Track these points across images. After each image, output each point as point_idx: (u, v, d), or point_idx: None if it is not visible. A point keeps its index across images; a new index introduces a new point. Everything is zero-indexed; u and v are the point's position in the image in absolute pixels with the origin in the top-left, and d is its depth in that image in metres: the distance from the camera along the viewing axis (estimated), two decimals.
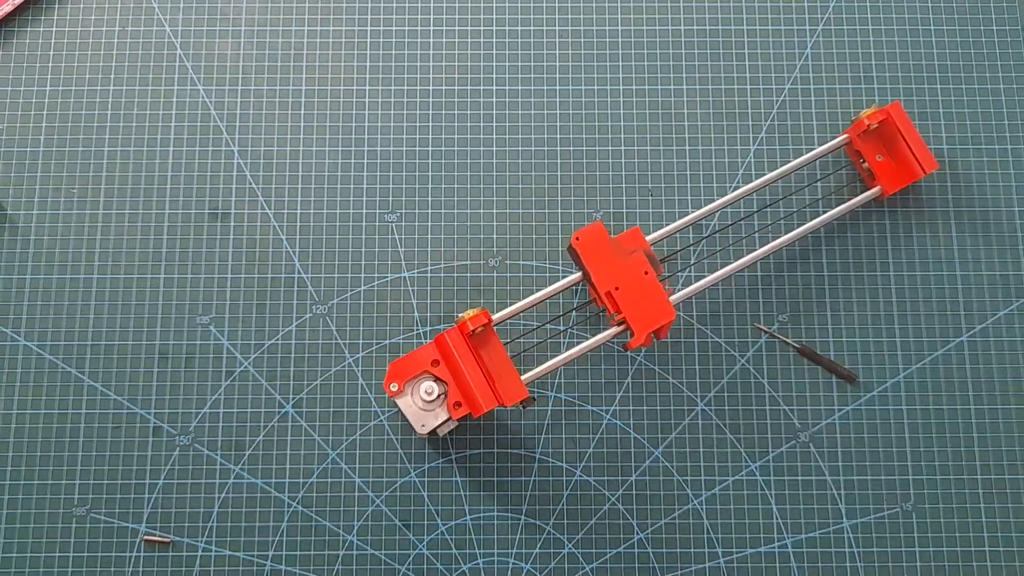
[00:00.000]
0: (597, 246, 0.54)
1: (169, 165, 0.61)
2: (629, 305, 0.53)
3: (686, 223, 0.57)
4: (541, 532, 0.56)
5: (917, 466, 0.57)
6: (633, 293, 0.53)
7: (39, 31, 0.63)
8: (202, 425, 0.57)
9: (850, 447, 0.57)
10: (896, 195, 0.60)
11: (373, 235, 0.60)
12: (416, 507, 0.56)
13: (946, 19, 0.65)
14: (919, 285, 0.60)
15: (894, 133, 0.58)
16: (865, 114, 0.58)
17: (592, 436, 0.58)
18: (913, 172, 0.58)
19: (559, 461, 0.57)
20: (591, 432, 0.58)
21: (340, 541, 0.56)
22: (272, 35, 0.64)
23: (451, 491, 0.57)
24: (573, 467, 0.57)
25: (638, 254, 0.54)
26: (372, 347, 0.59)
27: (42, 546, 0.55)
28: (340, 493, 0.56)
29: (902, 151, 0.58)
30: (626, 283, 0.53)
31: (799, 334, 0.59)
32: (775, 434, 0.57)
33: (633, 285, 0.53)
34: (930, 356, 0.59)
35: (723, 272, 0.56)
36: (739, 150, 0.62)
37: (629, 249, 0.54)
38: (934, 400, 0.58)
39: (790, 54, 0.64)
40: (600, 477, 0.57)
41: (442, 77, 0.63)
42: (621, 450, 0.57)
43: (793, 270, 0.60)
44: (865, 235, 0.61)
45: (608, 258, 0.53)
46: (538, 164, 0.62)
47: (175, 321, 0.59)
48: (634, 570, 0.56)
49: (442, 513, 0.56)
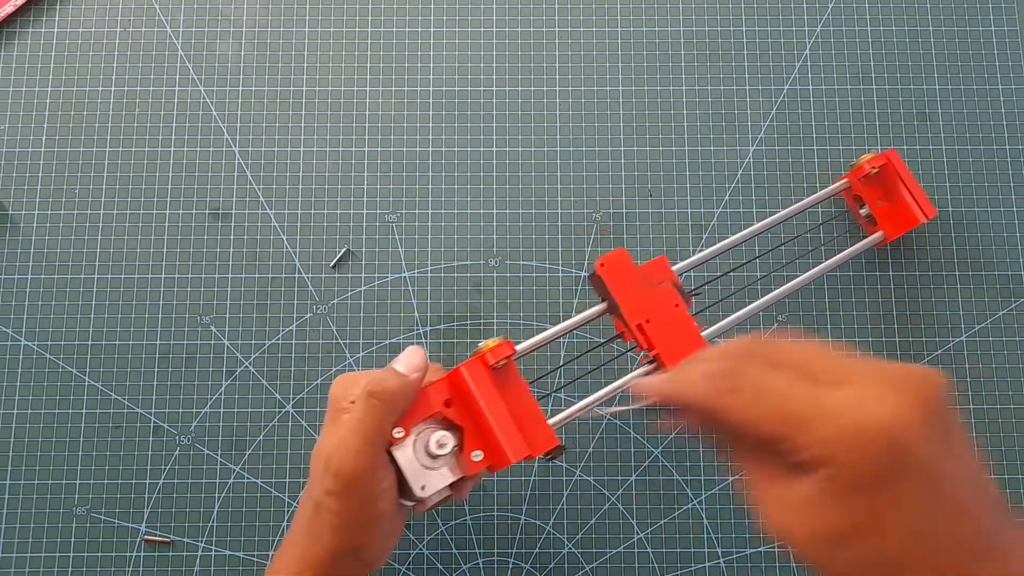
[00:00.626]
0: (622, 274, 0.49)
1: (170, 165, 0.61)
2: (662, 340, 0.48)
3: (713, 254, 0.54)
4: (541, 532, 0.56)
5: None
6: (665, 327, 0.48)
7: (40, 31, 0.63)
8: (202, 425, 0.57)
9: None
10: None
11: (373, 235, 0.60)
12: None
13: (945, 20, 0.65)
14: (919, 285, 0.60)
15: (894, 178, 0.58)
16: (865, 159, 0.57)
17: (592, 436, 0.58)
18: (913, 218, 0.57)
19: (559, 461, 0.57)
20: (591, 432, 0.58)
21: None
22: (272, 35, 0.64)
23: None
24: (573, 467, 0.57)
25: (666, 285, 0.49)
26: (372, 347, 0.59)
27: (42, 546, 0.55)
28: None
29: (901, 197, 0.57)
30: (656, 316, 0.48)
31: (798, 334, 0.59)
32: None
33: (664, 318, 0.48)
34: (930, 356, 0.59)
35: (751, 308, 0.53)
36: (739, 150, 0.62)
37: (656, 280, 0.49)
38: None
39: (790, 54, 0.64)
40: (600, 477, 0.57)
41: (442, 77, 0.63)
42: (621, 450, 0.57)
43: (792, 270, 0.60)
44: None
45: (635, 288, 0.49)
46: (538, 164, 0.62)
47: (175, 321, 0.59)
48: (634, 570, 0.56)
49: (442, 513, 0.56)
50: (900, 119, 0.63)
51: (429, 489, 0.42)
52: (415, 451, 0.42)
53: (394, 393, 0.41)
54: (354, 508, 0.41)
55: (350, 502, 0.41)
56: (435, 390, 0.44)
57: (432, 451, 0.42)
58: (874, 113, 0.63)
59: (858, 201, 0.59)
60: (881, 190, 0.58)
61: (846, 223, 0.61)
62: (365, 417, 0.41)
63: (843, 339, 0.59)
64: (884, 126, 0.63)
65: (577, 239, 0.61)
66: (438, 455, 0.42)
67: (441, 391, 0.44)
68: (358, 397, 0.41)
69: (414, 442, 0.42)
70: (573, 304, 0.59)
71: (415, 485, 0.42)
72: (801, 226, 0.60)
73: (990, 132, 0.63)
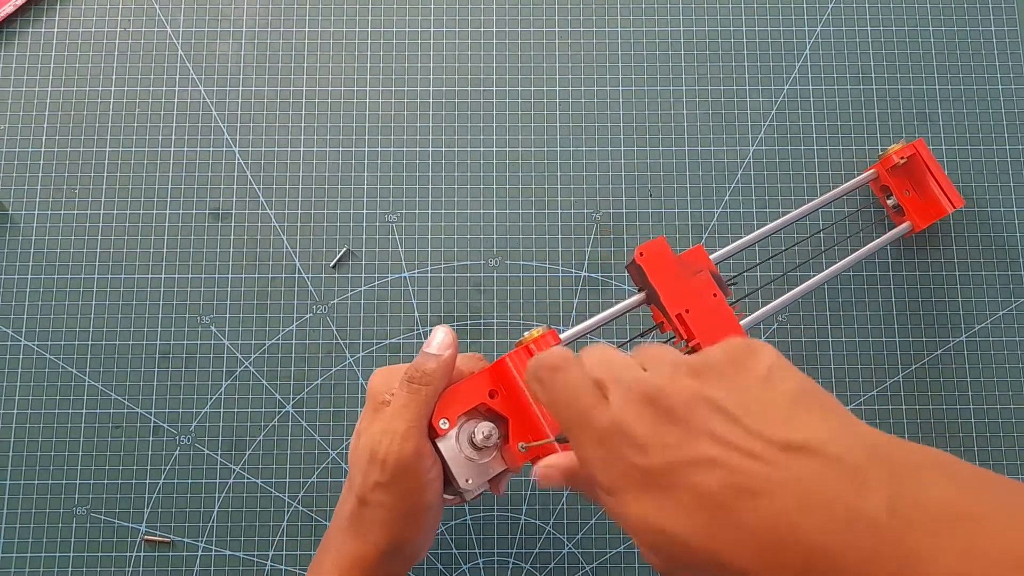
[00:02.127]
0: (662, 263, 0.48)
1: (170, 165, 0.61)
2: (701, 330, 0.47)
3: (749, 242, 0.53)
4: (541, 532, 0.56)
5: None
6: (704, 317, 0.47)
7: (40, 31, 0.63)
8: (202, 425, 0.57)
9: None
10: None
11: (373, 235, 0.60)
12: None
13: (945, 20, 0.65)
14: (919, 285, 0.60)
15: (921, 169, 0.58)
16: (893, 150, 0.57)
17: None
18: (940, 208, 0.58)
19: None
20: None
21: None
22: (272, 35, 0.64)
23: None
24: None
25: (704, 274, 0.48)
26: (372, 347, 0.59)
27: (42, 546, 0.55)
28: (340, 493, 0.56)
29: (929, 187, 0.58)
30: (695, 306, 0.47)
31: (798, 333, 0.59)
32: None
33: (703, 308, 0.47)
34: (930, 356, 0.59)
35: (786, 298, 0.53)
36: (739, 150, 0.62)
37: (694, 268, 0.49)
38: (934, 400, 0.58)
39: (790, 54, 0.64)
40: None
41: (442, 77, 0.63)
42: None
43: (792, 270, 0.60)
44: (864, 236, 0.61)
45: (674, 277, 0.48)
46: (538, 164, 0.62)
47: (175, 321, 0.59)
48: (634, 570, 0.56)
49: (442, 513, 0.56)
50: (900, 119, 0.63)
51: (474, 482, 0.42)
52: (459, 443, 0.42)
53: (432, 374, 0.42)
54: (403, 499, 0.41)
55: (399, 492, 0.41)
56: (479, 381, 0.43)
57: (478, 443, 0.41)
58: (874, 113, 0.63)
59: (885, 191, 0.59)
60: (908, 180, 0.59)
61: (872, 215, 0.61)
62: (408, 402, 0.41)
63: (843, 340, 0.59)
64: (884, 126, 0.63)
65: (577, 239, 0.61)
66: (483, 447, 0.42)
67: (485, 382, 0.43)
68: (399, 384, 0.42)
69: (457, 434, 0.42)
70: (573, 304, 0.59)
71: (460, 478, 0.41)
72: (824, 219, 0.60)
73: (990, 132, 0.63)
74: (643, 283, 0.48)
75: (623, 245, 0.61)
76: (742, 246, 0.53)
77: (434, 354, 0.42)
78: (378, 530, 0.42)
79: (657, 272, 0.48)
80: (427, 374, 0.41)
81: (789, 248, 0.59)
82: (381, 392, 0.43)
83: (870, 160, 0.62)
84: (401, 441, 0.40)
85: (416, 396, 0.41)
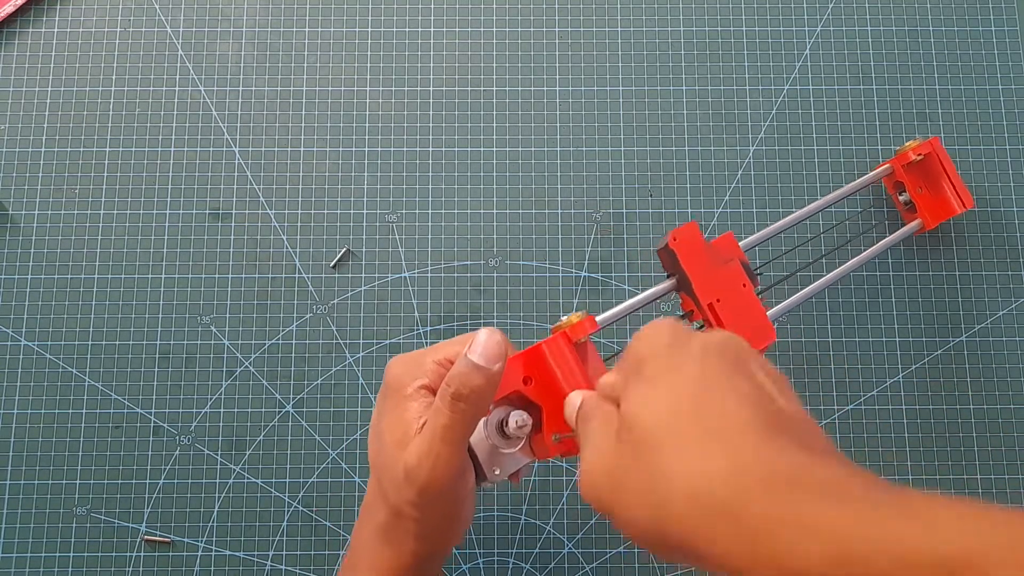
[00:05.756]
0: (695, 250, 0.46)
1: (170, 165, 0.61)
2: (732, 320, 0.45)
3: (776, 230, 0.53)
4: (541, 532, 0.56)
5: (917, 466, 0.57)
6: (734, 307, 0.46)
7: (40, 31, 0.63)
8: (202, 425, 0.57)
9: (850, 447, 0.57)
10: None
11: (373, 235, 0.60)
12: None
13: (945, 20, 0.65)
14: (919, 284, 0.60)
15: (937, 167, 0.58)
16: (910, 146, 0.57)
17: None
18: (951, 207, 0.58)
19: (559, 461, 0.57)
20: None
21: (340, 541, 0.56)
22: (272, 35, 0.64)
23: None
24: (573, 467, 0.57)
25: (734, 263, 0.47)
26: (372, 347, 0.59)
27: (42, 546, 0.55)
28: (340, 493, 0.56)
29: (942, 186, 0.58)
30: (726, 295, 0.46)
31: (798, 334, 0.59)
32: None
33: (733, 298, 0.46)
34: (930, 356, 0.59)
35: (808, 291, 0.52)
36: (739, 150, 0.62)
37: (725, 257, 0.47)
38: (934, 400, 0.58)
39: (790, 54, 0.64)
40: None
41: (442, 77, 0.63)
42: None
43: (792, 270, 0.60)
44: (864, 236, 0.61)
45: (706, 265, 0.46)
46: (538, 164, 0.62)
47: (175, 321, 0.59)
48: (634, 570, 0.56)
49: None
50: (900, 119, 0.63)
51: (501, 473, 0.39)
52: (487, 429, 0.39)
53: (481, 392, 0.37)
54: (442, 515, 0.39)
55: (438, 510, 0.39)
56: (512, 366, 0.40)
57: (510, 432, 0.39)
58: (874, 113, 0.63)
59: (898, 188, 0.59)
60: (923, 178, 0.58)
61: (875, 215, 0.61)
62: (454, 424, 0.37)
63: (843, 339, 0.59)
64: (884, 126, 0.63)
65: (577, 239, 0.61)
66: (514, 436, 0.39)
67: (518, 368, 0.40)
68: (441, 398, 0.38)
69: (486, 421, 0.39)
70: (573, 304, 0.59)
71: (489, 469, 0.39)
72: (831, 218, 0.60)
73: (990, 132, 0.63)
74: (674, 269, 0.47)
75: (623, 245, 0.61)
76: (770, 233, 0.52)
77: (480, 365, 0.37)
78: (414, 541, 0.40)
79: (690, 259, 0.46)
80: (475, 391, 0.37)
81: (792, 249, 0.59)
82: (405, 384, 0.40)
83: (870, 159, 0.62)
84: (445, 467, 0.37)
85: (463, 417, 0.37)
